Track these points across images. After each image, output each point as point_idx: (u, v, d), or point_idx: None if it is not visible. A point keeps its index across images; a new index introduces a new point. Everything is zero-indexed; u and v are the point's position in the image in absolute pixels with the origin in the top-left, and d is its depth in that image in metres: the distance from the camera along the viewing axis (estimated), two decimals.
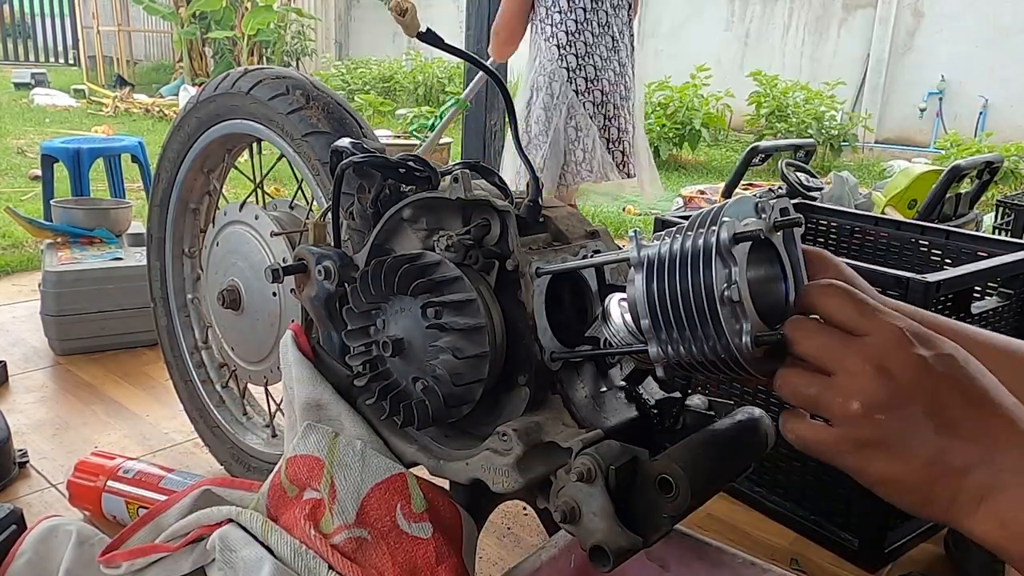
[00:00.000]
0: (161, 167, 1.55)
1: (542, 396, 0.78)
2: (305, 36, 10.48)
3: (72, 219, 2.48)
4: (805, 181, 2.82)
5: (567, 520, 0.68)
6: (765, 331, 0.63)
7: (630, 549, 0.66)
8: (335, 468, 0.83)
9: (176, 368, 1.65)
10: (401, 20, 0.84)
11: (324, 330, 0.91)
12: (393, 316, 0.80)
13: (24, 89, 9.50)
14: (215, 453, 1.58)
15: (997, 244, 1.64)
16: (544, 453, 0.73)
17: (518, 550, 1.43)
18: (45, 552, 1.06)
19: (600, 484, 0.67)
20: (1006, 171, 5.72)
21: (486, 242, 0.79)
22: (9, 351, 2.20)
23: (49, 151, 3.09)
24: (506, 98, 0.93)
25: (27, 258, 3.10)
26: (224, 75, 1.38)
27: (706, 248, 0.62)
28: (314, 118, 1.24)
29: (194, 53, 9.84)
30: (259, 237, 1.33)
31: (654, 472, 0.67)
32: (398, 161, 0.85)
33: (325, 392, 0.88)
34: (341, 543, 0.80)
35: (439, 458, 0.81)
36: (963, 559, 1.40)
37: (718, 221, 0.62)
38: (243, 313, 1.37)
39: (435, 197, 0.83)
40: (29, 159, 5.37)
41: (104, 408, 1.91)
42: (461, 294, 0.75)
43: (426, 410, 0.77)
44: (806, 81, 8.11)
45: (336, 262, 0.87)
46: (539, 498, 0.75)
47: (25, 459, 1.62)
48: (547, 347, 0.77)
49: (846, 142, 7.58)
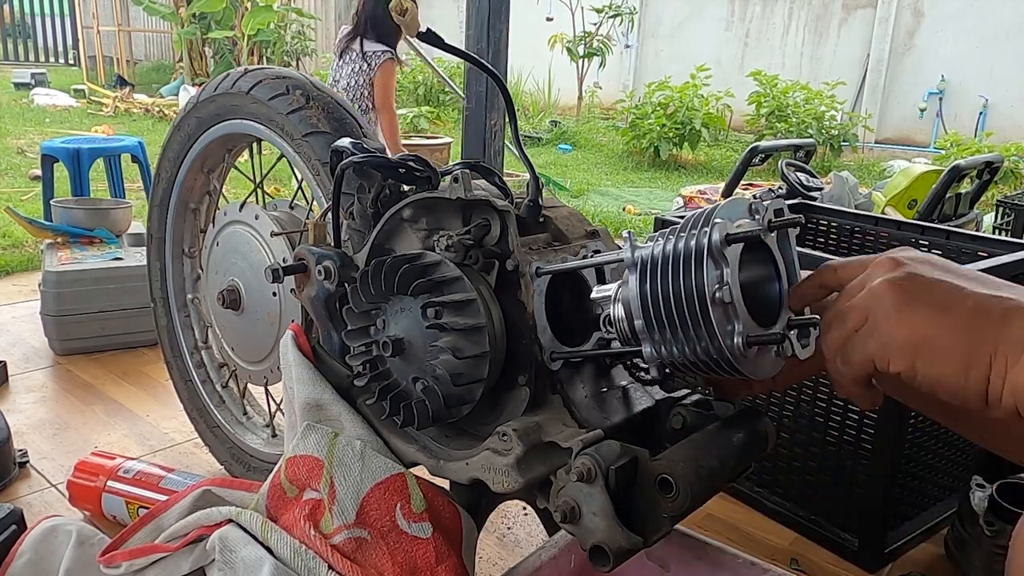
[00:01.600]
0: (161, 167, 1.55)
1: (542, 396, 0.78)
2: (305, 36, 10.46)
3: (72, 219, 2.48)
4: (805, 181, 2.81)
5: (567, 520, 0.68)
6: (757, 331, 0.63)
7: (630, 549, 0.66)
8: (335, 468, 0.83)
9: (176, 368, 1.64)
10: (401, 20, 0.84)
11: (324, 330, 0.90)
12: (393, 316, 0.79)
13: (24, 89, 9.50)
14: (215, 453, 1.58)
15: (997, 244, 1.64)
16: (544, 453, 0.73)
17: (518, 550, 1.43)
18: (45, 552, 1.06)
19: (600, 484, 0.67)
20: (1006, 171, 5.71)
21: (486, 242, 0.79)
22: (9, 351, 2.20)
23: (49, 151, 3.09)
24: (506, 98, 0.93)
25: (27, 258, 3.10)
26: (224, 75, 1.38)
27: (698, 249, 0.62)
28: (314, 118, 1.24)
29: (194, 53, 9.83)
30: (259, 237, 1.33)
31: (654, 472, 0.67)
32: (398, 161, 0.85)
33: (325, 392, 0.88)
34: (341, 543, 0.80)
35: (439, 458, 0.81)
36: (963, 559, 1.40)
37: (711, 222, 0.63)
38: (243, 313, 1.37)
39: (435, 197, 0.83)
40: (29, 159, 5.37)
41: (104, 408, 1.91)
42: (461, 294, 0.75)
43: (426, 410, 0.77)
44: (806, 81, 8.10)
45: (336, 262, 0.87)
46: (539, 498, 0.74)
47: (25, 459, 1.62)
48: (547, 347, 0.77)
49: (846, 142, 7.57)
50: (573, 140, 8.49)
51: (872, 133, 8.56)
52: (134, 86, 9.79)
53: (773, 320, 0.66)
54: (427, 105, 8.69)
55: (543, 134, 8.48)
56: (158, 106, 8.26)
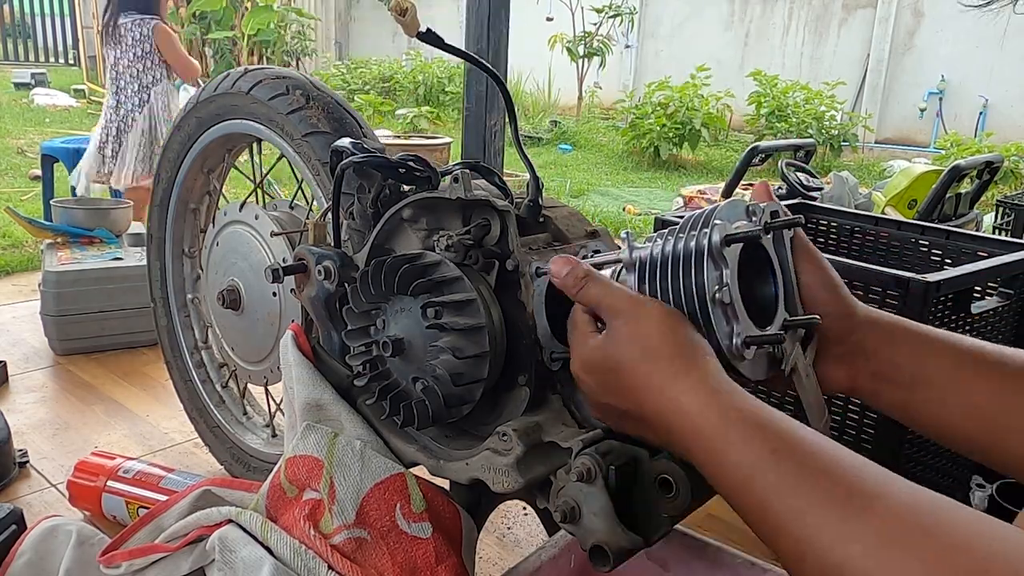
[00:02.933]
0: (161, 167, 1.55)
1: (542, 396, 0.78)
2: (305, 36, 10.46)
3: (72, 219, 2.48)
4: (805, 181, 2.81)
5: (567, 520, 0.68)
6: (755, 332, 0.63)
7: (630, 549, 0.66)
8: (335, 468, 0.83)
9: (176, 368, 1.64)
10: (401, 20, 0.83)
11: (324, 330, 0.90)
12: (393, 316, 0.79)
13: (24, 89, 9.50)
14: (215, 453, 1.58)
15: (997, 244, 1.64)
16: (544, 453, 0.73)
17: (518, 550, 1.43)
18: (45, 552, 1.06)
19: (600, 484, 0.67)
20: (1006, 171, 5.71)
21: (486, 242, 0.79)
22: (9, 351, 2.20)
23: (49, 151, 3.09)
24: (506, 97, 0.93)
25: (27, 258, 3.10)
26: (224, 75, 1.38)
27: (698, 250, 0.63)
28: (314, 118, 1.24)
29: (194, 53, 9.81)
30: (259, 237, 1.33)
31: (654, 472, 0.67)
32: (398, 161, 0.85)
33: (325, 393, 0.88)
34: (341, 543, 0.80)
35: (439, 458, 0.81)
36: None
37: (710, 223, 0.63)
38: (243, 313, 1.37)
39: (435, 197, 0.82)
40: (29, 159, 5.37)
41: (104, 408, 1.91)
42: (461, 294, 0.75)
43: (426, 410, 0.77)
44: (806, 81, 8.10)
45: (336, 262, 0.87)
46: (539, 498, 0.75)
47: (25, 459, 1.62)
48: (547, 347, 0.77)
49: (846, 142, 7.58)
50: (573, 140, 8.49)
51: (872, 133, 8.56)
52: None
53: (769, 320, 0.66)
54: (427, 105, 8.68)
55: (543, 134, 8.49)
56: None
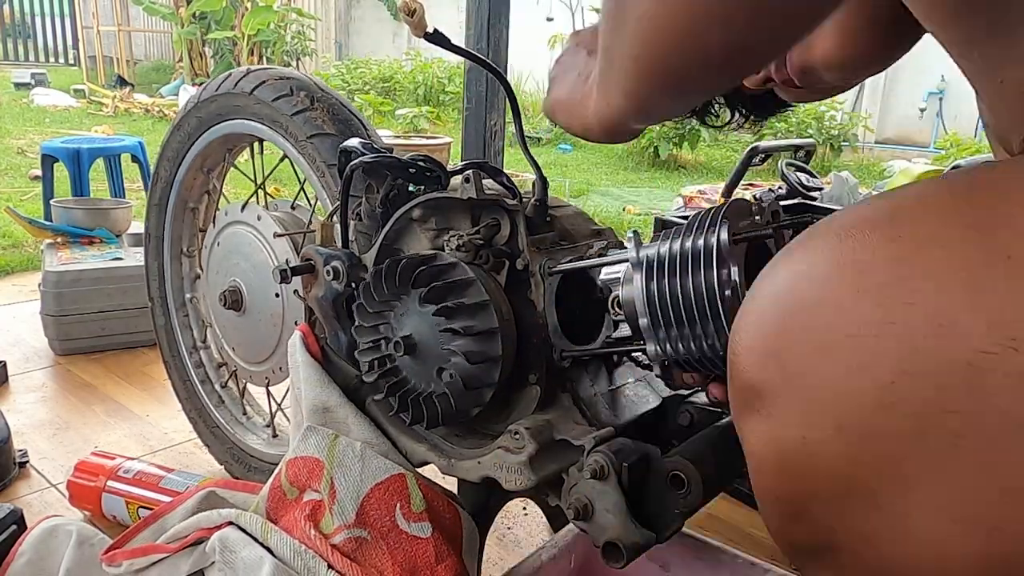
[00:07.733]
0: (160, 166, 1.54)
1: (552, 394, 0.78)
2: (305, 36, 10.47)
3: (72, 219, 2.47)
4: (805, 181, 2.80)
5: (580, 517, 0.69)
6: None
7: (644, 545, 0.67)
8: (335, 469, 0.83)
9: (174, 368, 1.64)
10: (409, 20, 0.83)
11: (331, 331, 0.90)
12: (404, 316, 0.79)
13: (24, 89, 9.49)
14: (215, 453, 1.58)
15: None
16: (556, 451, 0.74)
17: (518, 550, 1.42)
18: (45, 552, 1.05)
19: (613, 481, 0.67)
20: None
21: (496, 242, 0.79)
22: (9, 351, 2.20)
23: (49, 151, 3.08)
24: (510, 97, 0.93)
25: (27, 258, 3.10)
26: (226, 74, 1.37)
27: (706, 249, 0.64)
28: (319, 120, 1.24)
29: (194, 53, 9.83)
30: (261, 238, 1.32)
31: (666, 469, 0.68)
32: (409, 161, 0.85)
33: (332, 395, 0.88)
34: (341, 543, 0.80)
35: (450, 457, 0.81)
36: None
37: (717, 222, 0.64)
38: (245, 314, 1.36)
39: (445, 197, 0.82)
40: (29, 159, 5.37)
41: (104, 408, 1.90)
42: (475, 297, 0.75)
43: (435, 408, 0.77)
44: None
45: (345, 262, 0.87)
46: (551, 496, 0.75)
47: (25, 459, 1.61)
48: (557, 346, 0.77)
49: (846, 142, 7.58)
50: (573, 140, 8.49)
51: (872, 133, 8.57)
52: (134, 86, 9.78)
53: None
54: (427, 105, 8.68)
55: (543, 134, 8.49)
56: (158, 106, 8.25)
